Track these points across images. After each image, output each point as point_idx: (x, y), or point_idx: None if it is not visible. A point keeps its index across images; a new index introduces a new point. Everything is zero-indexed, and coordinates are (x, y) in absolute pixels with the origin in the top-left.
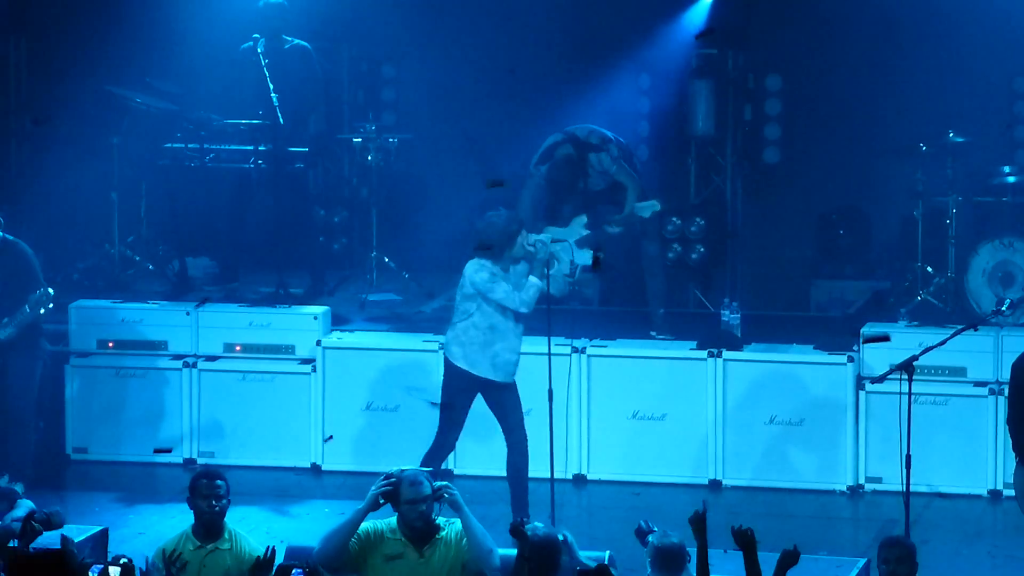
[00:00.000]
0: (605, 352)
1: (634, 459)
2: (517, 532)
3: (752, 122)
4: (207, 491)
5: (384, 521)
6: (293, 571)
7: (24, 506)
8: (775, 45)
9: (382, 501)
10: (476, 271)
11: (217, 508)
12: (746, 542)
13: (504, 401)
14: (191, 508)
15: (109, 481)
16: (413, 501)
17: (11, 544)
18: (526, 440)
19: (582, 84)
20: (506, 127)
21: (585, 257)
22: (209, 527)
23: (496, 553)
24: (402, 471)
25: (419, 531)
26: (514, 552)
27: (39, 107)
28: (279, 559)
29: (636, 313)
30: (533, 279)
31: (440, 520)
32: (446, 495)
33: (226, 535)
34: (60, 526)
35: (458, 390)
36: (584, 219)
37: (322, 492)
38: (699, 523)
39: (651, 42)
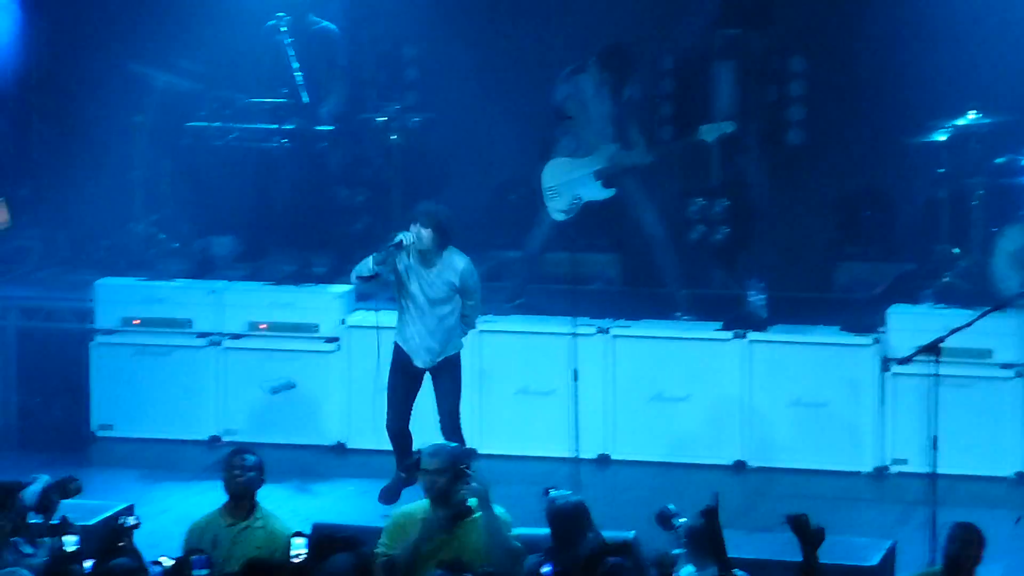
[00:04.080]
0: (629, 333)
1: (658, 440)
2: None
3: (776, 103)
4: (233, 463)
5: (418, 503)
6: (334, 541)
7: (40, 480)
8: (799, 26)
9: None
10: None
11: (242, 479)
12: (800, 528)
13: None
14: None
15: (134, 458)
16: (425, 471)
17: (32, 519)
18: None
19: None
20: (528, 106)
21: (597, 192)
22: (239, 502)
23: (523, 556)
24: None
25: (441, 508)
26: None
27: (62, 85)
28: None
29: (661, 294)
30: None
31: (472, 502)
32: (471, 484)
33: (258, 513)
34: (77, 492)
35: None
36: (612, 149)
37: (346, 470)
38: (711, 515)
39: (674, 22)
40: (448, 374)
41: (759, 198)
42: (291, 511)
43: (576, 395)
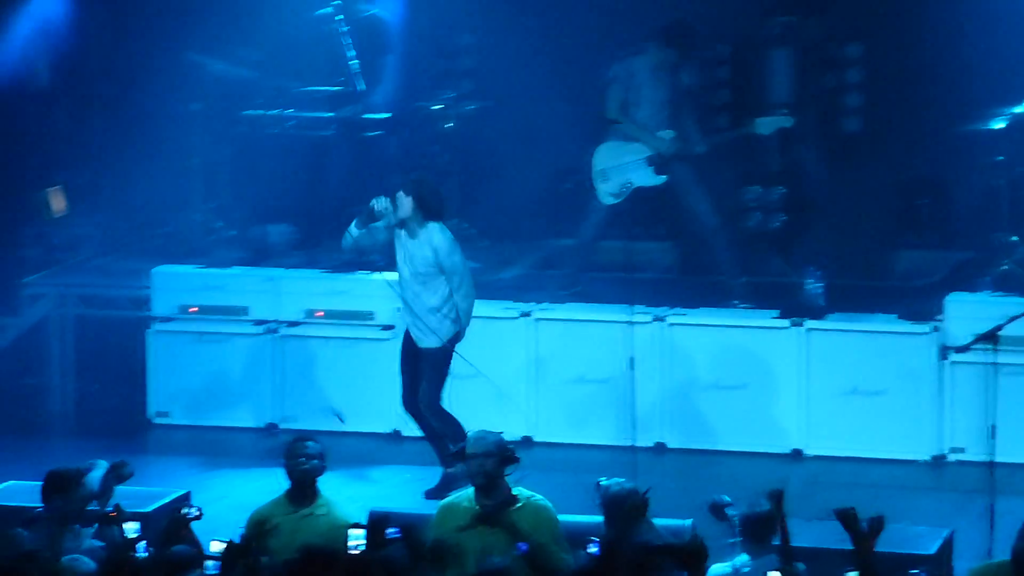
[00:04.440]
0: (686, 321)
1: (715, 428)
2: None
3: (833, 90)
4: (295, 451)
5: (464, 491)
6: (387, 531)
7: (100, 465)
8: (856, 12)
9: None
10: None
11: (305, 467)
12: (848, 521)
13: None
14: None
15: (191, 445)
16: (471, 456)
17: (93, 506)
18: None
19: None
20: (583, 94)
21: (648, 178)
22: (300, 489)
23: (567, 559)
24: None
25: (486, 496)
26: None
27: (119, 73)
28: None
29: (717, 282)
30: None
31: (517, 490)
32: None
33: (321, 500)
34: (129, 477)
35: None
36: (670, 135)
37: (402, 457)
38: (778, 499)
39: (730, 10)
40: (428, 361)
41: (816, 186)
42: (347, 498)
43: (633, 383)
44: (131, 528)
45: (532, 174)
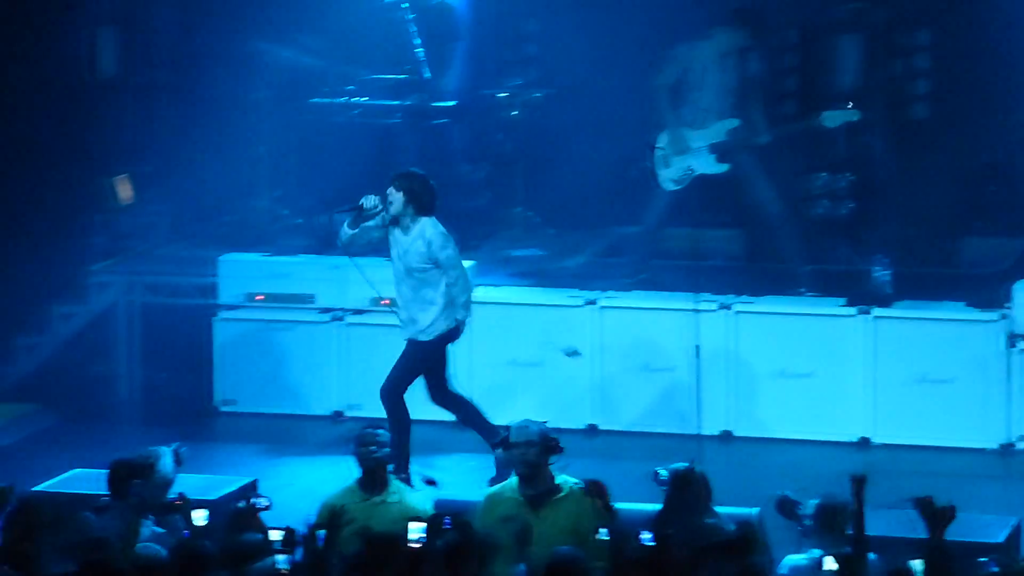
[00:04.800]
0: (752, 309)
1: (781, 417)
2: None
3: (901, 77)
4: (365, 439)
5: (507, 481)
6: (444, 519)
7: (167, 453)
8: None
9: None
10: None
11: (377, 454)
12: (926, 510)
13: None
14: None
15: (257, 433)
16: (514, 445)
17: (172, 495)
18: None
19: None
20: (649, 81)
21: (710, 165)
22: (371, 477)
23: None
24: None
25: (529, 485)
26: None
27: (184, 62)
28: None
29: (784, 269)
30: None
31: (561, 480)
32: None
33: (392, 488)
34: (184, 461)
35: None
36: (734, 124)
37: (467, 446)
38: (860, 484)
39: None
40: (412, 351)
41: (884, 172)
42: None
43: (699, 371)
44: (200, 516)
45: (597, 161)
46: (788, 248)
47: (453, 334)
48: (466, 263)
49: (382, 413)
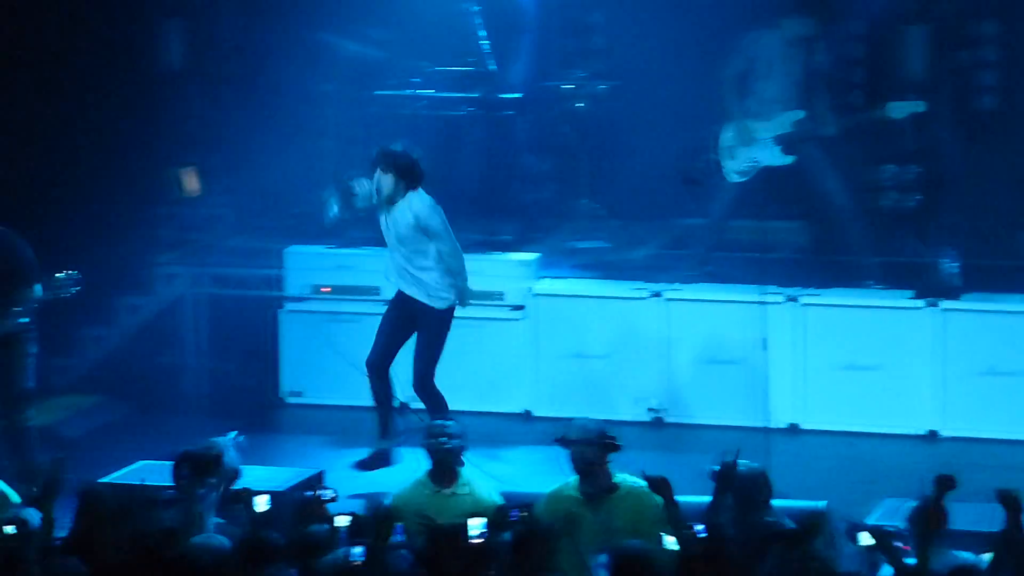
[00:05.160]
0: (819, 301)
1: (848, 409)
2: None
3: (968, 68)
4: (438, 431)
5: (570, 479)
6: (511, 512)
7: (227, 444)
8: None
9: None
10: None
11: (448, 446)
12: (1010, 502)
13: None
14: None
15: (323, 425)
16: (570, 443)
17: (238, 487)
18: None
19: None
20: (715, 72)
21: (775, 157)
22: (441, 469)
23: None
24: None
25: (588, 482)
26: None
27: (251, 54)
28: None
29: (851, 262)
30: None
31: (619, 478)
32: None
33: (463, 480)
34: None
35: None
36: (799, 115)
37: (533, 438)
38: (948, 483)
39: None
40: (427, 329)
41: (951, 164)
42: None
43: (766, 364)
44: (262, 501)
45: (663, 153)
46: (855, 240)
47: (460, 301)
48: (530, 255)
49: (450, 405)
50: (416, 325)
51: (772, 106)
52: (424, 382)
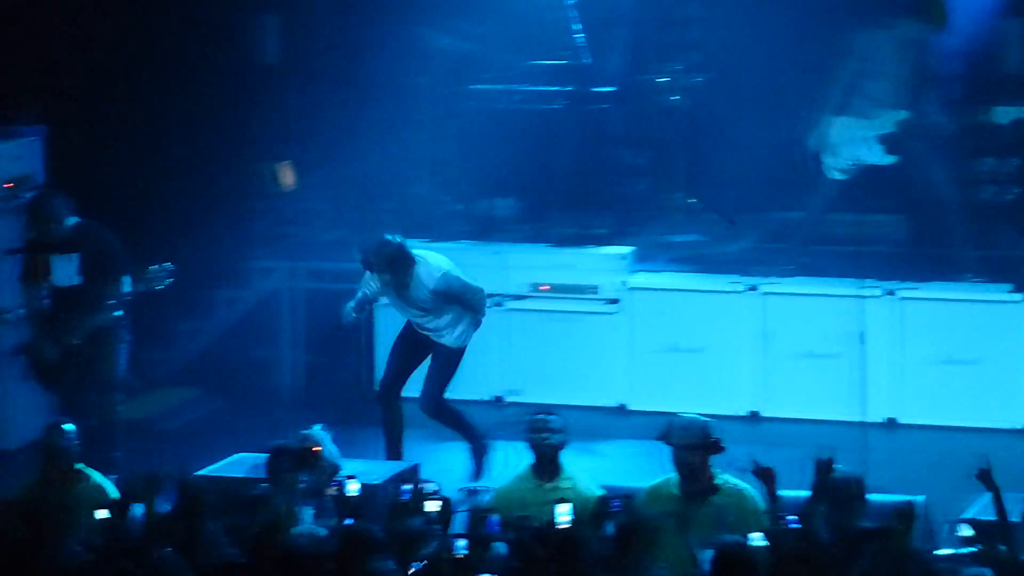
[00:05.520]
0: (917, 295)
1: (947, 403)
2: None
3: None
4: (541, 425)
5: (667, 477)
6: (612, 503)
7: (326, 437)
8: None
9: None
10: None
11: (551, 441)
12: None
13: None
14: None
15: (422, 418)
16: (675, 446)
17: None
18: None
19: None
20: (813, 66)
21: (878, 156)
22: (543, 463)
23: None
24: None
25: (688, 482)
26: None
27: (346, 49)
28: None
29: (949, 255)
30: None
31: (721, 479)
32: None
33: (565, 474)
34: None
35: None
36: (903, 116)
37: (628, 431)
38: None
39: None
40: (441, 356)
41: None
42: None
43: (863, 358)
44: (354, 487)
45: (759, 146)
46: (957, 233)
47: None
48: (625, 249)
49: (542, 398)
50: (429, 352)
51: (880, 105)
52: (436, 403)
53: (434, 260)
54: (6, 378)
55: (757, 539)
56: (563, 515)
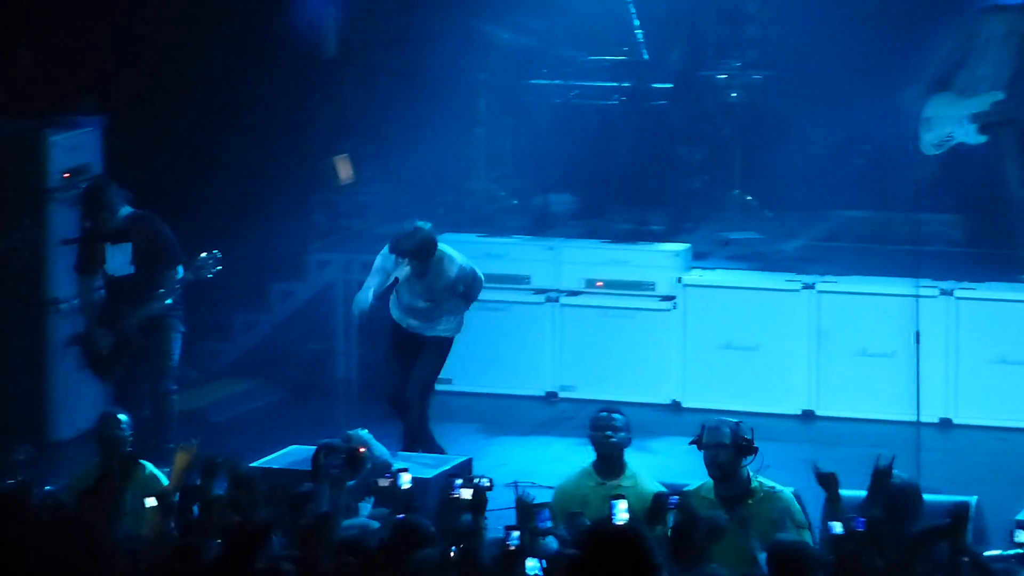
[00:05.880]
0: (973, 295)
1: (1001, 404)
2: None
3: None
4: (604, 423)
5: (704, 481)
6: (669, 499)
7: (370, 437)
8: None
9: None
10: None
11: (614, 439)
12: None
13: None
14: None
15: (471, 412)
16: (706, 446)
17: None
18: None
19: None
20: (875, 64)
21: (970, 135)
22: (606, 462)
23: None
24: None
25: (723, 486)
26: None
27: (405, 43)
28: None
29: (1007, 255)
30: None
31: (758, 483)
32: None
33: (628, 472)
34: None
35: None
36: (998, 97)
37: (681, 429)
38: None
39: None
40: (437, 350)
41: None
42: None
43: (918, 358)
44: (406, 479)
45: (817, 144)
46: (1018, 233)
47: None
48: (681, 245)
49: (596, 394)
50: (420, 347)
51: (980, 84)
52: (423, 394)
53: (453, 252)
54: (61, 368)
55: (837, 527)
56: (622, 512)
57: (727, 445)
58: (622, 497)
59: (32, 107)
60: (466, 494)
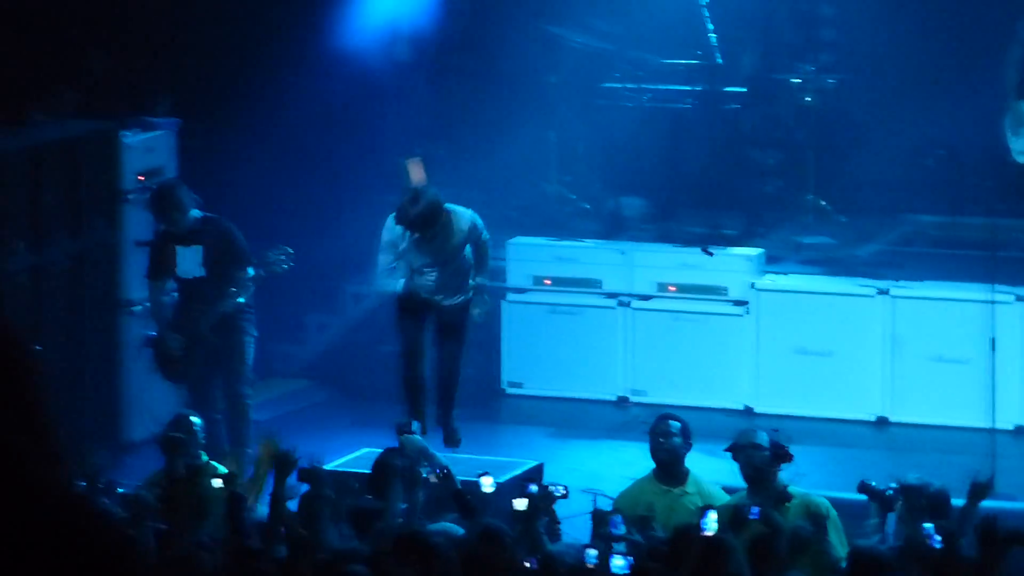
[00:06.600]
0: None
1: None
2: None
3: None
4: (658, 430)
5: (742, 490)
6: (750, 511)
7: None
8: None
9: None
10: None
11: (667, 446)
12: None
13: None
14: None
15: (542, 416)
16: (739, 448)
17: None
18: None
19: None
20: (943, 71)
21: None
22: (666, 468)
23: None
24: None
25: (756, 491)
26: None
27: (479, 45)
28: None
29: None
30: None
31: (793, 489)
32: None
33: (691, 479)
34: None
35: None
36: None
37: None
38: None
39: None
40: (459, 319)
41: None
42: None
43: (993, 364)
44: (488, 483)
45: (891, 149)
46: None
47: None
48: (754, 250)
49: (667, 399)
50: (430, 317)
51: None
52: (458, 364)
53: (462, 209)
54: (134, 370)
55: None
56: (711, 522)
57: (760, 447)
58: (712, 508)
59: (107, 109)
60: (519, 505)
